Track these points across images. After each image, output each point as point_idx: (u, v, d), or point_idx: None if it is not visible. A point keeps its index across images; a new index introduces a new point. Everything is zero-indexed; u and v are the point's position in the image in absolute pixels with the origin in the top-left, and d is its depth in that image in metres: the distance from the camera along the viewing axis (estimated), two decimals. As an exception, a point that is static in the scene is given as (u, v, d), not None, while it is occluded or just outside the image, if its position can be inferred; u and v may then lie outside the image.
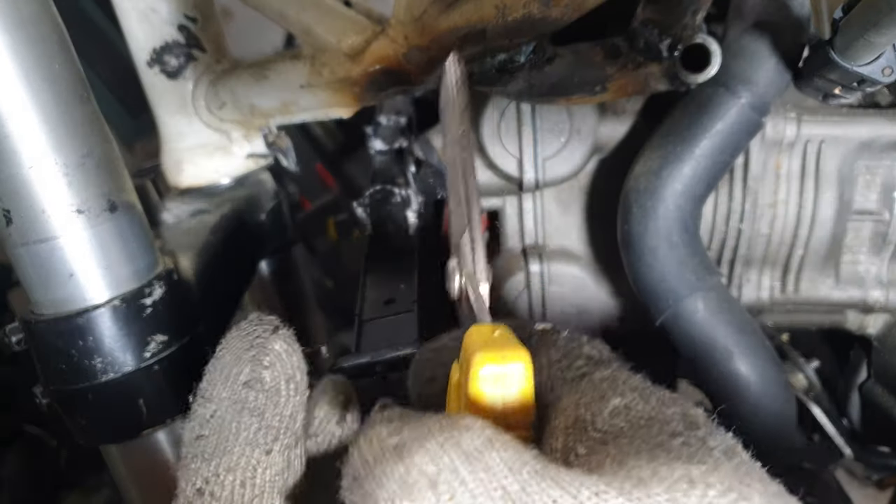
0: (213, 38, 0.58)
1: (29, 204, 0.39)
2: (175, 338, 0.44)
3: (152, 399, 0.43)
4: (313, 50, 0.51)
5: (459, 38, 0.45)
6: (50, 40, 0.40)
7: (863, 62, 0.46)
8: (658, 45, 0.44)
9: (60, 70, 0.40)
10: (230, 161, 0.59)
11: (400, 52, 0.47)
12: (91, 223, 0.41)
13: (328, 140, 2.72)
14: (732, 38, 0.46)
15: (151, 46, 0.56)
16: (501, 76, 0.47)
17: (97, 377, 0.41)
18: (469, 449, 0.21)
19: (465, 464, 0.21)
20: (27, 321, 0.42)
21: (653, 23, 0.44)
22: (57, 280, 0.41)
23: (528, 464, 0.21)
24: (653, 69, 0.45)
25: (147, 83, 0.58)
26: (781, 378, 0.53)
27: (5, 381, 2.33)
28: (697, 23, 0.43)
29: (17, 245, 0.40)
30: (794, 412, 0.54)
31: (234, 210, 0.56)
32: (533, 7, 0.42)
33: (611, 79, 0.45)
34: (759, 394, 0.52)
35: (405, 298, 0.48)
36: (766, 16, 0.46)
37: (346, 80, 0.49)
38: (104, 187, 0.41)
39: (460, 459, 0.21)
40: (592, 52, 0.46)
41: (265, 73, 0.53)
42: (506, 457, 0.21)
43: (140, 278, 0.43)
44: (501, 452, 0.21)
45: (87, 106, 0.41)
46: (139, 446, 0.45)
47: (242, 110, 0.56)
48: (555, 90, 0.46)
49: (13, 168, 0.39)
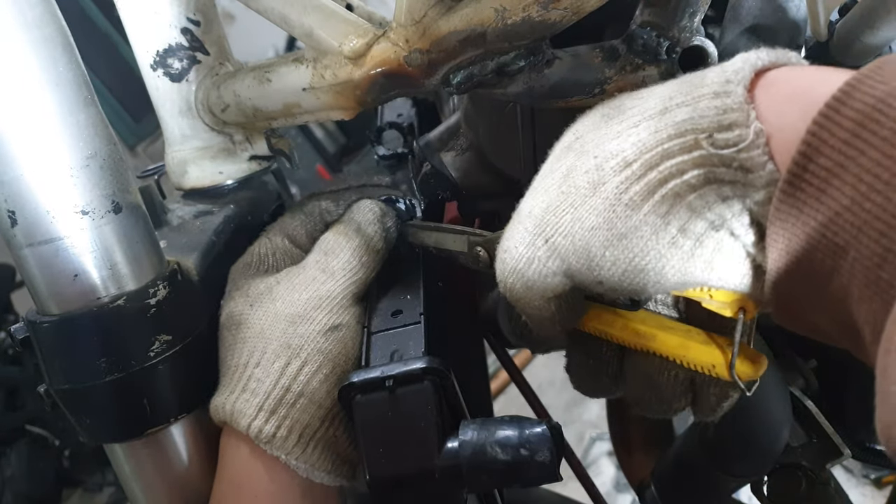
0: (216, 40, 0.59)
1: (34, 205, 0.40)
2: (179, 337, 0.44)
3: (156, 398, 0.44)
4: (315, 53, 0.51)
5: (459, 41, 0.45)
6: (54, 42, 0.40)
7: (860, 64, 0.46)
8: (656, 47, 0.44)
9: (65, 72, 0.40)
10: (233, 163, 0.59)
11: (401, 54, 0.47)
12: (96, 224, 0.41)
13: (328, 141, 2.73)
14: (729, 40, 0.46)
15: (155, 49, 0.57)
16: (501, 79, 0.47)
17: (102, 376, 0.42)
18: None
19: None
20: (32, 321, 0.42)
21: (651, 25, 0.44)
22: (62, 280, 0.41)
23: None
24: (651, 71, 0.45)
25: (151, 86, 0.58)
26: (776, 376, 0.54)
27: (9, 382, 2.34)
28: (695, 25, 0.44)
29: (23, 246, 0.41)
30: (789, 411, 0.54)
31: (238, 211, 0.56)
32: (532, 10, 0.43)
33: (609, 81, 0.46)
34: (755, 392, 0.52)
35: (412, 309, 0.48)
36: (763, 18, 0.46)
37: (348, 83, 0.50)
38: (108, 188, 0.42)
39: None
40: (591, 54, 0.46)
41: (268, 76, 0.53)
42: None
43: (144, 279, 0.43)
44: None
45: (91, 108, 0.42)
46: (143, 445, 0.45)
47: (245, 113, 0.56)
48: (554, 92, 0.47)
49: (18, 170, 0.39)
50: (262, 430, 0.43)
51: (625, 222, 0.34)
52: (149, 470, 0.46)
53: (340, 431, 0.45)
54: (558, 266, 0.37)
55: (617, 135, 0.35)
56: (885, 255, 0.24)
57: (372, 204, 0.54)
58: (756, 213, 0.31)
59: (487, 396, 0.76)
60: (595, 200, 0.35)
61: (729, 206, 0.31)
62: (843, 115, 0.26)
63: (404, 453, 0.41)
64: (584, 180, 0.36)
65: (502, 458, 0.39)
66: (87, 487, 2.35)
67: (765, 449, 0.55)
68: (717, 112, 0.31)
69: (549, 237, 0.37)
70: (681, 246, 0.33)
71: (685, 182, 0.31)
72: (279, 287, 0.48)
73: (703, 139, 0.31)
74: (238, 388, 0.44)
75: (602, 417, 0.86)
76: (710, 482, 0.61)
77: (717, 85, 0.32)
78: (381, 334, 0.47)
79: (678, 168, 0.32)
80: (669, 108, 0.33)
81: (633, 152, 0.34)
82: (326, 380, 0.44)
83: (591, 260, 0.35)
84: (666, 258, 0.33)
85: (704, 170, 0.31)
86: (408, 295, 0.50)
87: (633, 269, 0.34)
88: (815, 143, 0.27)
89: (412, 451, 0.40)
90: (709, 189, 0.31)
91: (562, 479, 0.40)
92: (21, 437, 2.11)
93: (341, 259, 0.49)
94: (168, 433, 0.46)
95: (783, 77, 0.32)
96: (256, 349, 0.45)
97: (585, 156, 0.36)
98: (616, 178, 0.34)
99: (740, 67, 0.32)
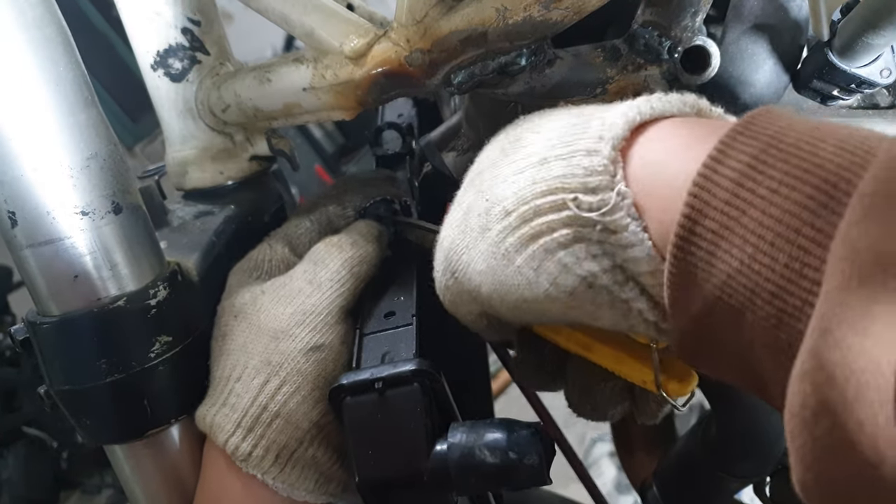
0: (217, 41, 0.58)
1: (34, 206, 0.40)
2: (180, 338, 0.44)
3: (157, 399, 0.44)
4: (316, 53, 0.51)
5: (460, 41, 0.45)
6: (55, 43, 0.40)
7: (861, 64, 0.46)
8: (658, 47, 0.44)
9: (65, 73, 0.40)
10: (234, 163, 0.59)
11: (402, 54, 0.47)
12: (96, 225, 0.41)
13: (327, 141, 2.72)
14: (731, 40, 0.46)
15: (155, 49, 0.56)
16: (502, 78, 0.47)
17: (102, 377, 0.41)
18: None
19: None
20: (33, 322, 0.42)
21: (653, 25, 0.44)
22: (62, 281, 0.41)
23: None
24: (652, 71, 0.45)
25: (151, 86, 0.58)
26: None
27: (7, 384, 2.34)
28: (697, 25, 0.44)
29: (23, 247, 0.41)
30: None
31: (239, 212, 0.56)
32: (533, 10, 0.43)
33: (611, 81, 0.46)
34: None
35: (404, 311, 0.48)
36: (765, 18, 0.46)
37: (349, 83, 0.50)
38: (109, 189, 0.41)
39: None
40: (593, 54, 0.46)
41: (268, 76, 0.53)
42: None
43: (145, 279, 0.43)
44: None
45: (91, 108, 0.41)
46: (144, 446, 0.45)
47: (246, 113, 0.56)
48: (555, 92, 0.47)
49: (18, 170, 0.39)
50: (238, 448, 0.42)
51: (503, 270, 0.35)
52: (149, 471, 0.46)
53: (321, 452, 0.44)
54: (467, 295, 0.39)
55: (504, 179, 0.36)
56: (780, 317, 0.24)
57: (371, 222, 0.54)
58: (632, 272, 0.31)
59: (489, 396, 0.76)
60: (482, 245, 0.36)
61: (599, 262, 0.31)
62: (722, 174, 0.26)
63: (393, 455, 0.40)
64: (476, 223, 0.37)
65: (490, 461, 0.39)
66: (85, 489, 2.34)
67: (767, 449, 0.55)
68: (584, 173, 0.31)
69: (454, 272, 0.39)
70: (556, 298, 0.33)
71: (554, 240, 0.32)
72: (263, 298, 0.46)
73: (570, 200, 0.31)
74: (219, 402, 0.44)
75: (602, 418, 0.85)
76: (712, 483, 0.61)
77: (591, 140, 0.32)
78: (373, 336, 0.47)
79: (548, 226, 0.32)
80: (548, 158, 0.33)
81: (511, 202, 0.34)
82: (304, 401, 0.44)
83: (485, 299, 0.37)
84: (545, 306, 0.34)
85: (572, 229, 0.31)
86: (401, 296, 0.50)
87: (519, 311, 0.36)
88: (697, 206, 0.27)
89: (401, 453, 0.40)
90: (578, 247, 0.31)
91: (551, 482, 0.40)
92: (18, 440, 2.11)
93: (330, 269, 0.48)
94: (168, 434, 0.45)
95: (660, 135, 0.32)
96: (238, 363, 0.44)
97: (480, 196, 0.37)
98: (497, 226, 0.35)
99: (615, 123, 0.32)
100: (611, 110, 0.34)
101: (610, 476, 1.93)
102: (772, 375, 0.26)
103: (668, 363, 0.38)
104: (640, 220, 0.31)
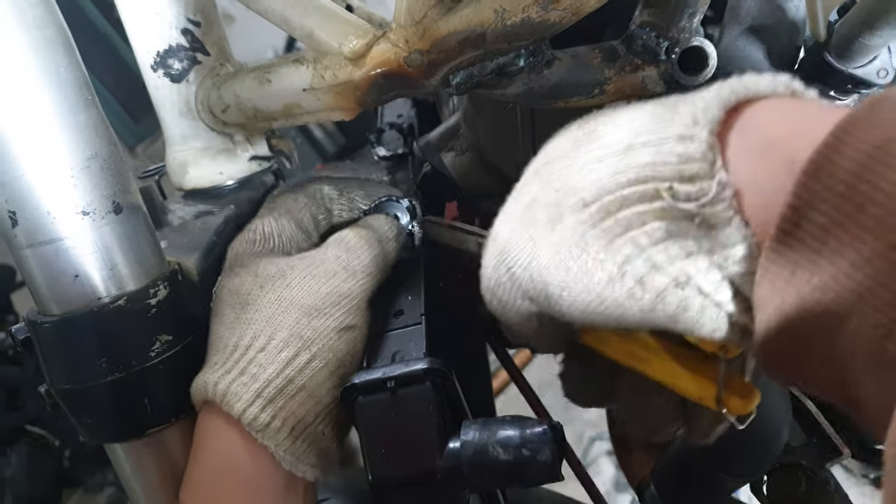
0: (217, 41, 0.59)
1: (34, 206, 0.40)
2: (180, 337, 0.44)
3: (157, 398, 0.44)
4: (315, 54, 0.51)
5: (459, 42, 0.45)
6: (55, 43, 0.40)
7: (858, 64, 0.46)
8: (655, 47, 0.44)
9: (65, 73, 0.40)
10: (234, 163, 0.59)
11: (401, 55, 0.47)
12: (96, 224, 0.41)
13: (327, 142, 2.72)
14: (728, 40, 0.46)
15: (155, 50, 0.57)
16: (501, 79, 0.47)
17: (103, 376, 0.42)
18: None
19: None
20: (33, 322, 0.42)
21: (650, 26, 0.44)
22: (62, 281, 0.41)
23: None
24: (650, 72, 0.45)
25: (151, 86, 0.58)
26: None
27: (9, 382, 2.33)
28: (694, 26, 0.44)
29: (23, 246, 0.41)
30: (788, 410, 0.54)
31: (238, 212, 0.56)
32: (532, 11, 0.43)
33: (609, 81, 0.46)
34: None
35: (413, 310, 0.48)
36: (762, 18, 0.46)
37: (348, 84, 0.50)
38: (109, 189, 0.42)
39: None
40: (591, 55, 0.46)
41: (268, 76, 0.53)
42: None
43: (145, 279, 0.43)
44: None
45: (91, 109, 0.42)
46: (144, 445, 0.45)
47: (245, 113, 0.56)
48: (553, 93, 0.47)
49: (19, 170, 0.39)
50: (256, 418, 0.41)
51: (580, 266, 0.31)
52: (150, 470, 0.46)
53: (329, 428, 0.45)
54: (523, 294, 0.36)
55: (580, 168, 0.33)
56: (892, 327, 0.21)
57: (392, 220, 0.54)
58: (729, 271, 0.28)
59: (489, 396, 0.77)
60: (553, 238, 0.33)
61: (694, 262, 0.28)
62: (838, 164, 0.23)
63: (406, 454, 0.41)
64: (543, 214, 0.34)
65: (504, 458, 0.39)
66: (87, 488, 2.35)
67: (764, 448, 0.55)
68: (679, 160, 0.29)
69: (511, 267, 0.35)
70: (639, 298, 0.30)
71: (644, 233, 0.29)
72: (294, 273, 0.47)
73: (664, 190, 0.29)
74: (235, 370, 0.43)
75: (601, 417, 0.85)
76: (709, 482, 0.61)
77: (683, 126, 0.29)
78: (383, 335, 0.47)
79: (638, 218, 0.29)
80: (634, 146, 0.31)
81: (591, 193, 0.31)
82: (330, 377, 0.44)
83: (549, 297, 0.34)
84: (624, 307, 0.31)
85: (665, 222, 0.29)
86: (409, 296, 0.50)
87: (591, 313, 0.32)
88: (806, 197, 0.24)
89: (414, 451, 0.40)
90: (671, 243, 0.28)
91: (563, 478, 0.41)
92: (21, 438, 2.11)
93: (363, 261, 0.49)
94: (169, 433, 0.46)
95: (762, 117, 0.29)
96: (262, 333, 0.44)
97: (548, 187, 0.34)
98: (572, 219, 0.32)
99: (709, 105, 0.29)
100: (699, 94, 0.31)
101: (608, 475, 1.93)
102: (870, 391, 0.23)
103: (728, 378, 0.35)
104: (742, 214, 0.27)
